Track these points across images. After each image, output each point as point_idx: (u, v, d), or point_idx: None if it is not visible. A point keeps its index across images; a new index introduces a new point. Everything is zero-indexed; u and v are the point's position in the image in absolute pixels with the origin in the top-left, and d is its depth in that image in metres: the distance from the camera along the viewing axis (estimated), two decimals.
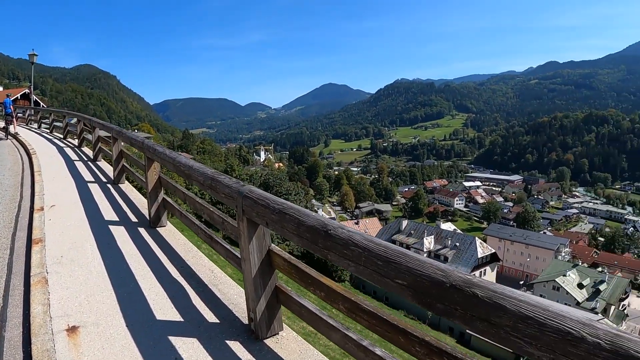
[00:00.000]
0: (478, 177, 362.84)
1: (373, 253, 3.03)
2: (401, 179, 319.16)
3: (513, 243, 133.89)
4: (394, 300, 71.44)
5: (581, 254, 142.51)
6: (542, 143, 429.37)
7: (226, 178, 5.62)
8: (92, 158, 21.10)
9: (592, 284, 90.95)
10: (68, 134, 31.41)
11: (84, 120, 24.47)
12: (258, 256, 4.96)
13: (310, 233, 3.65)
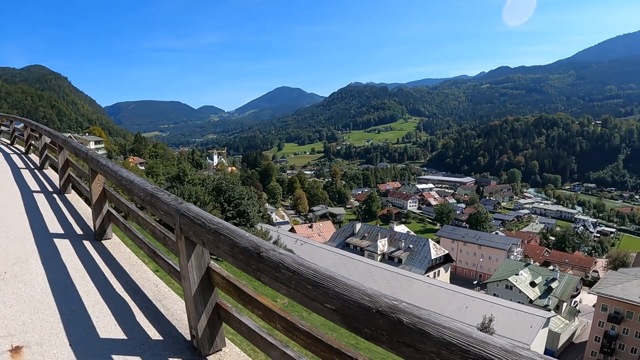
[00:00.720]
0: (431, 179, 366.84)
1: (303, 277, 2.98)
2: (354, 182, 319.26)
3: (466, 244, 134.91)
4: None
5: (533, 253, 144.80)
6: (493, 146, 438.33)
7: (165, 195, 5.59)
8: (39, 166, 20.20)
9: (544, 282, 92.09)
10: (15, 140, 29.95)
11: (31, 126, 23.54)
12: (197, 274, 4.93)
13: (243, 255, 3.61)
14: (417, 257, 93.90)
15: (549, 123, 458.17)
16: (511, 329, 58.44)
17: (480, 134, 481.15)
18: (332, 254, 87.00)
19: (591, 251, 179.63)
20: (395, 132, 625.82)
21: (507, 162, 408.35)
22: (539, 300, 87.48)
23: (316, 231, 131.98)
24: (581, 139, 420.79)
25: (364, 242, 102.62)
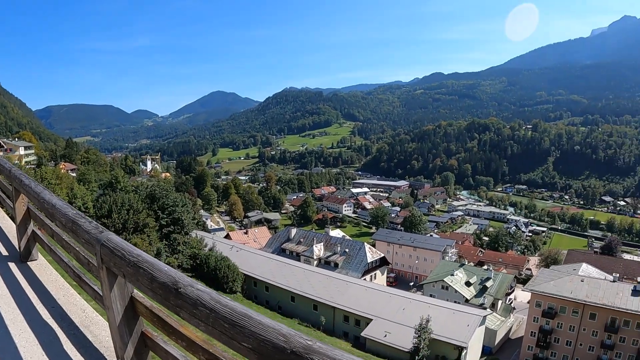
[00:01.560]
0: (366, 183, 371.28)
1: (220, 315, 2.93)
2: (289, 187, 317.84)
3: (401, 246, 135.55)
4: (286, 309, 70.75)
5: (467, 254, 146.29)
6: (427, 150, 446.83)
7: (87, 222, 5.44)
8: None
9: (479, 282, 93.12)
10: None
11: None
12: (121, 304, 4.76)
13: (162, 290, 3.51)
14: (354, 261, 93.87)
15: (481, 127, 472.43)
16: (448, 329, 58.38)
17: (414, 138, 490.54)
18: (268, 260, 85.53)
19: (524, 250, 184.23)
20: (330, 137, 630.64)
21: (440, 165, 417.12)
22: (474, 299, 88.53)
23: (252, 237, 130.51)
24: (512, 143, 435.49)
25: (300, 247, 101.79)
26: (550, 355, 75.91)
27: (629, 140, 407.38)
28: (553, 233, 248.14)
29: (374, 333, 60.40)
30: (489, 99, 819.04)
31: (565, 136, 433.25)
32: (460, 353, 57.12)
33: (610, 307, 69.91)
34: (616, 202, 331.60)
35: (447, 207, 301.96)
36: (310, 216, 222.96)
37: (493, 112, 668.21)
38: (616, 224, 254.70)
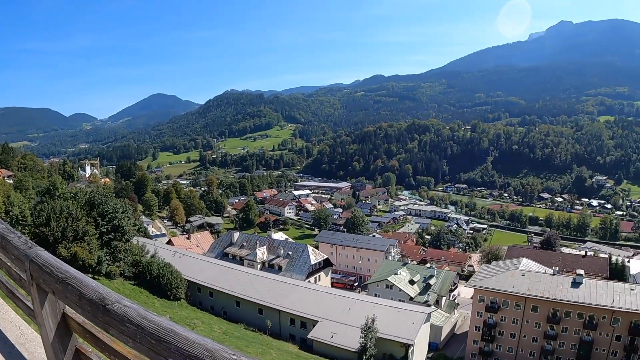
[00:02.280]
0: (307, 185, 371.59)
1: (146, 331, 2.85)
2: (231, 190, 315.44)
3: (344, 247, 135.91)
4: (232, 314, 70.02)
5: (410, 253, 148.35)
6: (368, 151, 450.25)
7: (15, 237, 5.21)
8: None
9: (423, 280, 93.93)
10: None
11: None
12: (53, 321, 4.60)
13: (90, 306, 3.45)
14: (297, 263, 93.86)
15: (421, 129, 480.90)
16: (394, 327, 58.55)
17: (355, 140, 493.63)
18: (211, 265, 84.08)
19: (465, 247, 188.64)
20: (271, 140, 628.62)
21: (381, 166, 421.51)
22: (419, 297, 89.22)
23: (194, 242, 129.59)
24: (452, 143, 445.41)
25: (243, 251, 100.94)
26: (495, 348, 77.38)
27: (565, 140, 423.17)
28: (493, 230, 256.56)
29: (320, 334, 60.24)
30: (429, 101, 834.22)
31: (504, 136, 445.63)
32: (407, 350, 57.46)
33: (552, 299, 71.82)
34: (554, 198, 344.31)
35: (389, 207, 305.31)
36: (253, 219, 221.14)
37: (433, 114, 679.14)
38: (554, 220, 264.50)
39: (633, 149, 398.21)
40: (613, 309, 68.41)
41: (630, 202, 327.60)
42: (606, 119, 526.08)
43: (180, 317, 56.84)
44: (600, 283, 77.00)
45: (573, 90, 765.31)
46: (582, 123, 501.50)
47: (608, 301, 69.38)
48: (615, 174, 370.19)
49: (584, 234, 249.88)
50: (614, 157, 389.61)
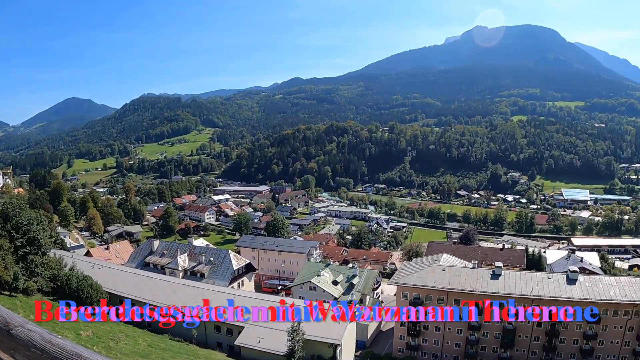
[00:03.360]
0: (227, 190, 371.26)
1: (51, 355, 2.85)
2: (150, 197, 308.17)
3: (266, 251, 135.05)
4: (156, 325, 67.58)
5: (332, 254, 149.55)
6: (287, 154, 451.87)
7: None
8: None
9: (346, 280, 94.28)
10: None
11: None
12: None
13: None
14: (219, 269, 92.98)
15: (339, 131, 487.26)
16: (321, 328, 58.79)
17: (274, 143, 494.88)
18: (132, 275, 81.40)
19: (387, 246, 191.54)
20: (190, 144, 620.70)
21: (300, 169, 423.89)
22: (343, 297, 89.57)
23: (114, 253, 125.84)
24: (370, 144, 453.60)
25: (164, 259, 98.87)
26: (422, 342, 78.80)
27: (480, 139, 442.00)
28: (413, 227, 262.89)
29: (247, 340, 59.74)
30: (347, 103, 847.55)
31: (421, 137, 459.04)
32: (335, 350, 57.90)
33: (473, 292, 73.66)
34: (471, 195, 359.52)
35: (309, 209, 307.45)
36: (173, 226, 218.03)
37: (351, 116, 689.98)
38: (472, 215, 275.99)
39: (545, 146, 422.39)
40: (532, 297, 71.22)
41: (544, 196, 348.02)
42: (519, 118, 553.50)
43: (103, 331, 53.73)
44: (518, 274, 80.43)
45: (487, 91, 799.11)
46: (496, 123, 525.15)
47: (527, 290, 72.30)
48: (528, 170, 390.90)
49: (501, 228, 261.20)
50: (527, 154, 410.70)
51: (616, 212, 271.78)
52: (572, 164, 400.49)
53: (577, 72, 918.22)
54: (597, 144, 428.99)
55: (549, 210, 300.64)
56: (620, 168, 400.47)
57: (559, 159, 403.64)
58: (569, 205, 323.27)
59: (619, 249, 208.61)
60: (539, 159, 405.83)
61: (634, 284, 73.36)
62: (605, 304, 70.17)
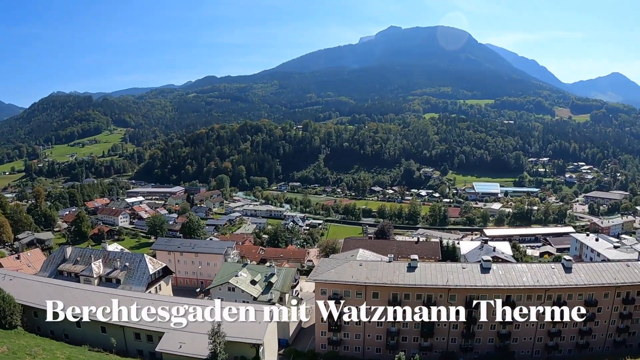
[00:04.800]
0: (140, 192, 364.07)
1: None
2: (60, 201, 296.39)
3: (182, 254, 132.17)
4: (74, 336, 66.11)
5: (249, 253, 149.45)
6: (201, 153, 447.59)
7: None
8: None
9: (264, 279, 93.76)
10: None
11: None
12: None
13: None
14: (135, 274, 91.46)
15: (253, 129, 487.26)
16: (241, 329, 58.94)
17: (188, 142, 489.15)
18: (45, 285, 78.15)
19: (303, 243, 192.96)
20: (101, 145, 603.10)
21: (215, 168, 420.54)
22: (262, 296, 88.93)
23: (25, 262, 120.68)
24: (284, 143, 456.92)
25: (78, 267, 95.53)
26: (343, 336, 79.64)
27: (393, 136, 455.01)
28: (329, 224, 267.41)
29: (168, 346, 59.02)
30: (261, 102, 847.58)
31: (335, 134, 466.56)
32: (258, 350, 58.23)
33: (390, 285, 75.32)
34: (385, 191, 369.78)
35: (225, 209, 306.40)
36: (86, 232, 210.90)
37: (265, 114, 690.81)
38: (387, 211, 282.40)
39: (456, 143, 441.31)
40: (448, 287, 73.79)
41: (456, 190, 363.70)
42: (431, 116, 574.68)
43: (18, 346, 52.10)
44: (434, 265, 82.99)
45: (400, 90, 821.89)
46: (409, 120, 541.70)
47: (443, 281, 74.79)
48: (441, 166, 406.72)
49: (415, 222, 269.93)
50: (439, 150, 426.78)
51: (526, 203, 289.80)
52: (482, 159, 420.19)
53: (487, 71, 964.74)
54: (506, 139, 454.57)
55: (462, 204, 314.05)
56: (529, 162, 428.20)
57: (470, 155, 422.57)
58: (481, 198, 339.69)
59: (529, 237, 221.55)
60: (450, 155, 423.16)
61: (544, 270, 78.30)
62: (519, 290, 73.98)
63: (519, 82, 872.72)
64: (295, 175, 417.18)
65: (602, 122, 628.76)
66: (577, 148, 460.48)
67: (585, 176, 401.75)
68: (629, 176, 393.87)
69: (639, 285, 75.53)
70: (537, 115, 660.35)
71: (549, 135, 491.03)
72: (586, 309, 74.43)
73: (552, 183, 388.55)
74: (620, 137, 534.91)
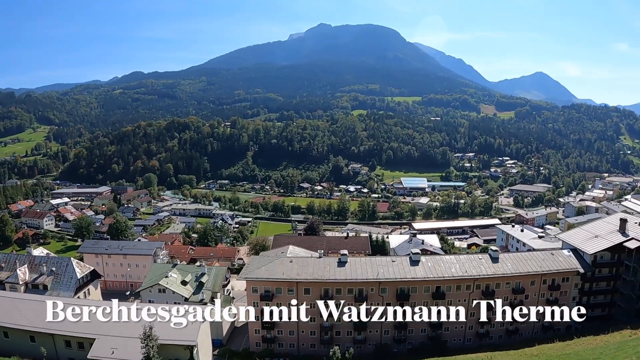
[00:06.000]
0: (66, 193, 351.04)
1: None
2: None
3: (111, 256, 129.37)
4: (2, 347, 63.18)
5: (178, 253, 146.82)
6: (127, 152, 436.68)
7: None
8: None
9: (195, 279, 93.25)
10: None
11: None
12: None
13: None
14: (63, 279, 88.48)
15: (181, 127, 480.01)
16: (174, 331, 58.30)
17: (114, 140, 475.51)
18: None
19: (233, 241, 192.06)
20: (24, 144, 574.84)
21: (142, 167, 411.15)
22: (193, 297, 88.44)
23: None
24: (212, 140, 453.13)
25: (2, 273, 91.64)
26: (277, 333, 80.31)
27: (322, 132, 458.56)
28: (259, 222, 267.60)
29: (101, 353, 57.35)
30: (189, 98, 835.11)
31: (263, 131, 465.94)
32: (192, 352, 57.91)
33: (321, 280, 76.62)
34: (314, 187, 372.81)
35: (153, 209, 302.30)
36: (9, 236, 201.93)
37: (193, 111, 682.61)
38: (316, 207, 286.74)
39: (384, 139, 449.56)
40: (379, 281, 75.62)
41: (384, 185, 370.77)
42: (359, 112, 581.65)
43: None
44: (364, 259, 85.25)
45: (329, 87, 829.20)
46: (337, 117, 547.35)
47: (373, 274, 76.56)
48: (369, 162, 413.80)
49: (344, 217, 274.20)
50: (367, 146, 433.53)
51: (453, 197, 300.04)
52: (410, 155, 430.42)
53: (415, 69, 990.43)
54: (433, 135, 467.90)
55: (390, 198, 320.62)
56: (455, 157, 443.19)
57: (397, 150, 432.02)
58: (409, 192, 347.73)
59: (457, 230, 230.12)
60: (378, 151, 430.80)
61: (472, 261, 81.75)
62: (448, 280, 77.05)
63: (445, 80, 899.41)
64: (224, 173, 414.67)
65: (526, 119, 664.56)
66: (502, 143, 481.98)
67: (510, 170, 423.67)
68: (552, 170, 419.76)
69: (563, 272, 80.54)
70: (463, 112, 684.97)
71: (475, 132, 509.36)
72: (514, 296, 78.88)
73: (478, 177, 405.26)
74: (543, 133, 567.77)
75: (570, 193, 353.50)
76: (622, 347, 48.91)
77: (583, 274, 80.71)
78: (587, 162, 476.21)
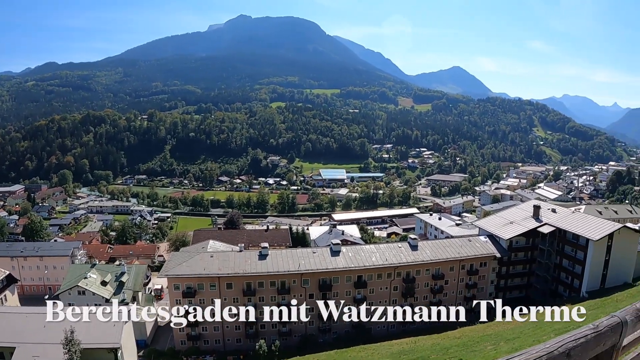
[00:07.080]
0: None
1: None
2: None
3: (26, 258, 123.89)
4: None
5: (97, 253, 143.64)
6: (41, 147, 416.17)
7: None
8: None
9: (115, 278, 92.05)
10: None
11: None
12: None
13: None
14: None
15: (96, 120, 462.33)
16: (97, 333, 57.70)
17: (26, 136, 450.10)
18: None
19: (153, 238, 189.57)
20: None
21: (56, 163, 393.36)
22: (114, 297, 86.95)
23: None
24: (129, 134, 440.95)
25: None
26: (202, 330, 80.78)
27: (240, 125, 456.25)
28: (178, 217, 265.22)
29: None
30: (105, 90, 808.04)
31: (181, 124, 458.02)
32: (116, 354, 57.75)
33: (243, 274, 77.90)
34: (232, 180, 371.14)
35: (69, 207, 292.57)
36: None
37: (109, 104, 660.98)
38: (235, 200, 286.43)
39: (303, 131, 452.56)
40: (301, 272, 78.01)
41: (303, 177, 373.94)
42: (278, 105, 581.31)
43: None
44: (285, 252, 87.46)
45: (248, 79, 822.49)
46: (256, 109, 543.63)
47: (295, 266, 78.84)
48: (288, 154, 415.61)
49: (264, 210, 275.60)
50: (286, 138, 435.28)
51: (372, 188, 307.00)
52: (328, 147, 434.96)
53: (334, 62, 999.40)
54: (351, 127, 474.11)
55: (309, 190, 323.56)
56: (374, 149, 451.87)
57: (316, 142, 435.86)
58: (328, 184, 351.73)
59: (376, 220, 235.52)
60: (297, 143, 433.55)
61: (392, 249, 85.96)
62: (369, 269, 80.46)
63: (364, 73, 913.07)
64: (141, 167, 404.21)
65: (442, 111, 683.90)
66: (419, 135, 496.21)
67: (427, 161, 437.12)
68: (468, 160, 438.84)
69: (480, 258, 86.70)
70: (382, 105, 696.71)
71: (393, 124, 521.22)
72: (434, 282, 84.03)
73: (396, 168, 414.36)
74: (460, 125, 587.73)
75: (485, 182, 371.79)
76: (540, 325, 52.86)
77: (500, 258, 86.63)
78: (502, 153, 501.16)
